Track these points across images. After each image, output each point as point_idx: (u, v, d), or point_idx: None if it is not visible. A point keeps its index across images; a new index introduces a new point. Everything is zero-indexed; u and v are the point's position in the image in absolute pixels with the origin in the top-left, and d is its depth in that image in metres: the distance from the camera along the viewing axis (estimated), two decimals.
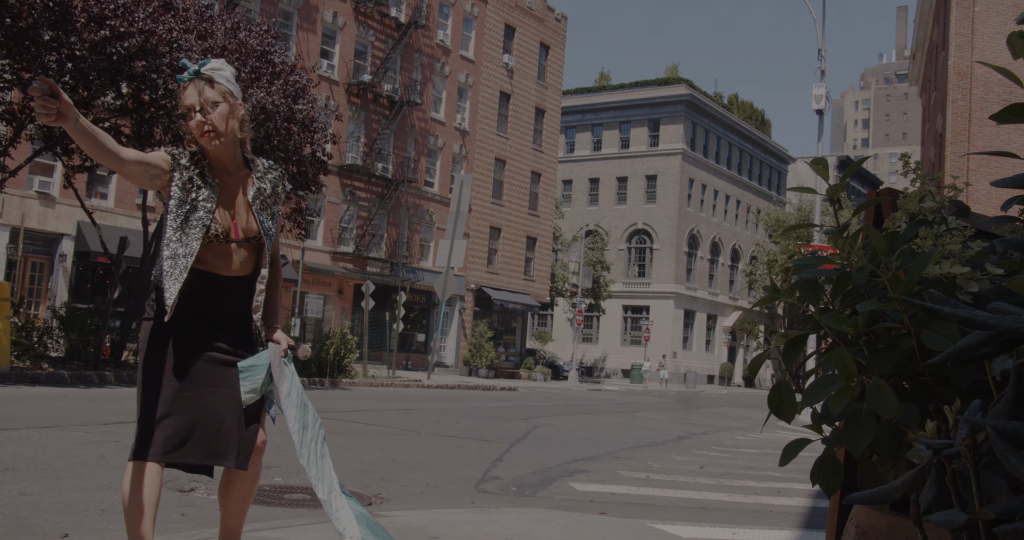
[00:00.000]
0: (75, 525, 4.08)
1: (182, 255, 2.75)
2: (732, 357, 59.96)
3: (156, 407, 2.73)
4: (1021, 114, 1.56)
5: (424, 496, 5.69)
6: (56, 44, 13.25)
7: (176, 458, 2.74)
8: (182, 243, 2.76)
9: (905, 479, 1.30)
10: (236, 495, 2.95)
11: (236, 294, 2.89)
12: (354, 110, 33.81)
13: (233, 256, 2.87)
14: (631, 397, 27.76)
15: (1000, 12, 20.70)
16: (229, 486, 2.94)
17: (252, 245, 2.92)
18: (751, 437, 13.60)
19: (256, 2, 30.02)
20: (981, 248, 1.66)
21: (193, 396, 2.77)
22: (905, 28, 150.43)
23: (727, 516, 5.82)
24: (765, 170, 65.20)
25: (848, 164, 52.69)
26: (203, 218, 2.78)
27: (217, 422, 2.80)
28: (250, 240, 2.90)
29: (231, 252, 2.87)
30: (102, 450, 6.39)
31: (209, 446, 2.78)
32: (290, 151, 16.83)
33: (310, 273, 30.66)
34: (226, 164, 2.89)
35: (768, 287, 1.89)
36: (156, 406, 2.73)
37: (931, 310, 1.42)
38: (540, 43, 44.26)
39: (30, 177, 23.70)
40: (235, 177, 2.92)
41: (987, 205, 18.22)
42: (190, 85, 2.82)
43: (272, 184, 2.99)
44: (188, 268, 2.74)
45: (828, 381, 1.62)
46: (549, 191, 45.13)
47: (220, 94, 2.82)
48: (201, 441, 2.77)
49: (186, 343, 2.79)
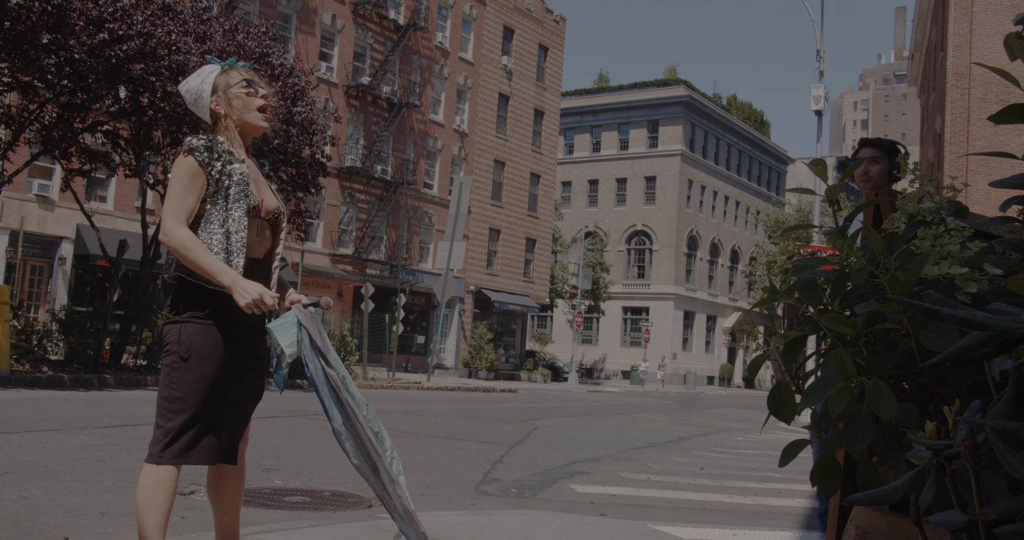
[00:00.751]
0: (75, 528, 4.08)
1: (234, 231, 2.80)
2: (732, 358, 59.97)
3: (197, 411, 2.75)
4: (1019, 115, 1.56)
5: (424, 498, 5.69)
6: (55, 47, 13.26)
7: (199, 461, 2.77)
8: (233, 219, 2.81)
9: (905, 480, 1.30)
10: (228, 486, 2.97)
11: (258, 274, 2.93)
12: (353, 112, 33.82)
13: (263, 233, 2.96)
14: (631, 398, 27.76)
15: (998, 13, 20.73)
16: (219, 478, 2.96)
17: (269, 223, 2.99)
18: (751, 438, 13.60)
19: (255, 4, 30.04)
20: (980, 249, 1.66)
21: (229, 399, 2.84)
22: (903, 29, 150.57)
23: (727, 517, 5.82)
24: (764, 171, 65.23)
25: (847, 165, 52.71)
26: (244, 191, 2.84)
27: (240, 424, 2.91)
28: (269, 218, 2.98)
29: (260, 229, 2.95)
30: (102, 453, 6.39)
31: (230, 446, 2.86)
32: (289, 153, 16.84)
33: (309, 275, 30.66)
34: (246, 146, 3.02)
35: (767, 288, 1.89)
36: (197, 409, 2.75)
37: (930, 311, 1.42)
38: (539, 45, 44.29)
39: (29, 180, 23.70)
40: (249, 160, 3.02)
41: (986, 205, 18.23)
42: (245, 71, 3.01)
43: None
44: (245, 243, 2.82)
45: (827, 382, 1.63)
46: (548, 193, 45.14)
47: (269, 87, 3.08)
48: (224, 442, 2.84)
49: (224, 342, 2.81)
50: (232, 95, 2.93)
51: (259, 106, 2.96)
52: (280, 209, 3.02)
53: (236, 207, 2.81)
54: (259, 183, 2.99)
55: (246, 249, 2.86)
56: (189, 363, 2.76)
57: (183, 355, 2.76)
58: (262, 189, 2.99)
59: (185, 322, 2.80)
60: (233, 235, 2.79)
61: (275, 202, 3.01)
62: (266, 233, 2.98)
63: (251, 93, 2.95)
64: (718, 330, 58.74)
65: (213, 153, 2.82)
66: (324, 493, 5.55)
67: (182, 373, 2.76)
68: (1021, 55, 1.58)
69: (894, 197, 2.45)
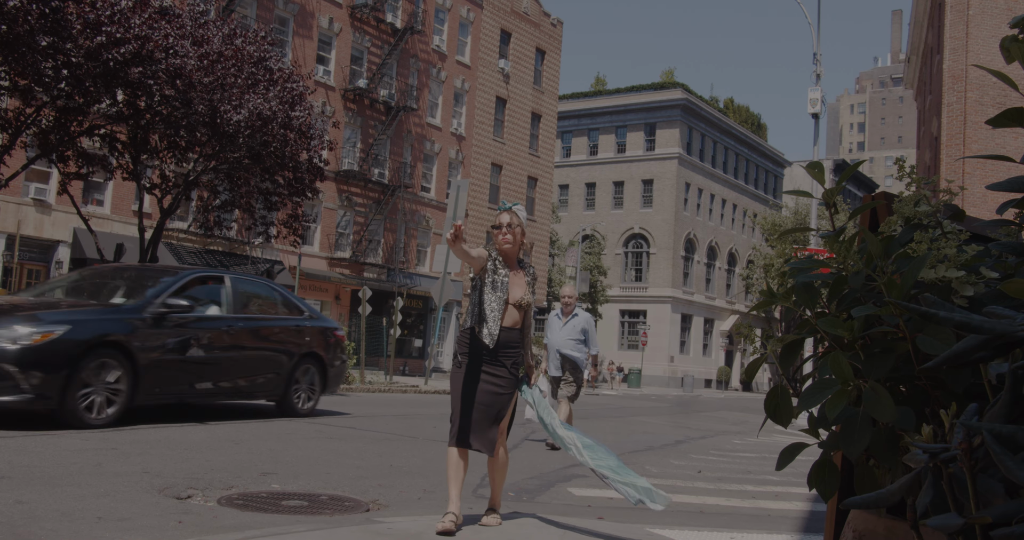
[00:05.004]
0: (72, 533, 4.07)
1: (496, 308, 4.69)
2: (729, 361, 59.99)
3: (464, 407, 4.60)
4: (1016, 118, 1.56)
5: (422, 502, 5.68)
6: (52, 50, 13.25)
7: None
8: (495, 299, 4.70)
9: (902, 483, 1.30)
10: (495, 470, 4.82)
11: (508, 337, 4.75)
12: (350, 116, 33.83)
13: (510, 312, 4.77)
14: (628, 401, 27.75)
15: (994, 15, 20.78)
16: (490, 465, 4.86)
17: (519, 309, 4.80)
18: (748, 441, 13.60)
19: (252, 8, 30.05)
20: (976, 252, 1.67)
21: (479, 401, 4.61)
22: (900, 32, 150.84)
23: (725, 520, 5.82)
24: (761, 174, 65.30)
25: (844, 168, 52.88)
26: (503, 286, 4.75)
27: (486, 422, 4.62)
28: (520, 306, 4.78)
29: (510, 309, 4.78)
30: (99, 458, 6.37)
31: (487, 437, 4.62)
32: (287, 157, 16.83)
33: (307, 279, 30.63)
34: (510, 261, 4.87)
35: (764, 291, 1.89)
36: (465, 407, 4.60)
37: (927, 314, 1.43)
38: (536, 48, 44.34)
39: (26, 184, 23.66)
40: (514, 269, 4.88)
41: (983, 209, 18.26)
42: (504, 213, 4.89)
43: (531, 277, 4.96)
44: (501, 313, 4.71)
45: (824, 385, 1.63)
46: (546, 196, 45.16)
47: (516, 221, 4.89)
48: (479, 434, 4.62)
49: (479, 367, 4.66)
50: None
51: (500, 239, 4.87)
52: (526, 302, 4.84)
53: (498, 295, 4.77)
54: (515, 284, 4.85)
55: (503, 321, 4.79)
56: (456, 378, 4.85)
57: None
58: (517, 287, 4.85)
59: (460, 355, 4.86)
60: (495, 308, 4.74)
61: (526, 298, 4.84)
62: (515, 313, 4.83)
63: (498, 232, 4.88)
64: (715, 333, 58.76)
65: (492, 257, 4.84)
66: (321, 497, 5.54)
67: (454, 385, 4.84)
68: (1018, 58, 1.58)
69: (891, 200, 2.45)
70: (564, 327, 9.98)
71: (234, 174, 17.39)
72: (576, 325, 9.95)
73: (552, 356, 10.03)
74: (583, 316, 10.01)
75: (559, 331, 9.98)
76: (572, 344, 9.89)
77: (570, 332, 9.92)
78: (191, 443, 7.60)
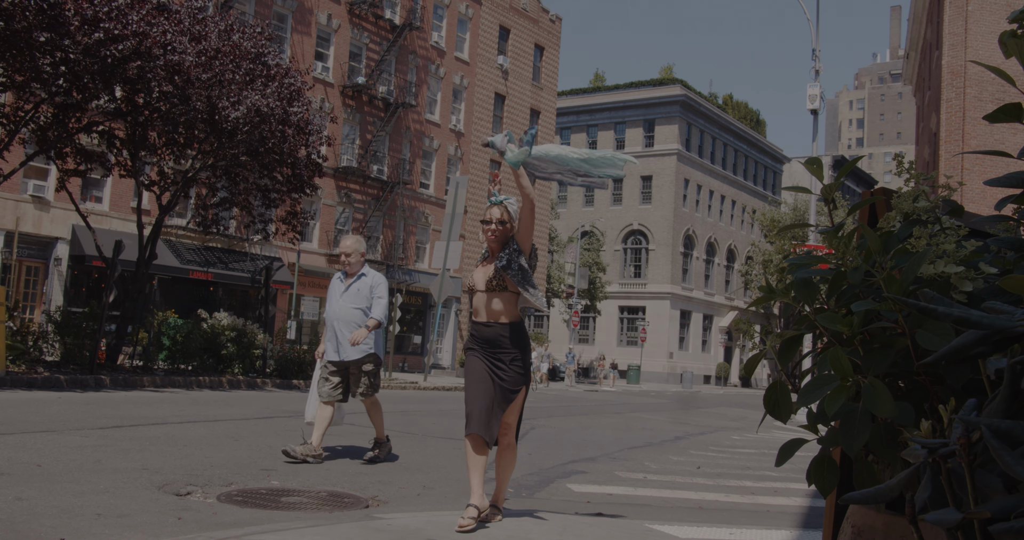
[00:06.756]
0: (71, 530, 4.07)
1: (480, 303, 4.72)
2: (728, 357, 60.02)
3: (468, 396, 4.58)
4: (1015, 114, 1.56)
5: (421, 498, 5.69)
6: (50, 47, 13.21)
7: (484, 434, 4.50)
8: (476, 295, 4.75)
9: (901, 478, 1.30)
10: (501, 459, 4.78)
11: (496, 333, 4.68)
12: (349, 112, 33.79)
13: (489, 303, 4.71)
14: (627, 398, 27.78)
15: (993, 11, 20.76)
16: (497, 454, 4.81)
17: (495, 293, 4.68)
18: (747, 437, 13.61)
19: (250, 4, 29.99)
20: (975, 247, 1.67)
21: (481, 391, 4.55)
22: (899, 27, 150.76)
23: (724, 516, 5.82)
24: (760, 170, 65.29)
25: (843, 164, 52.79)
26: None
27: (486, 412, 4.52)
28: (492, 288, 4.68)
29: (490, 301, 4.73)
30: (98, 454, 6.37)
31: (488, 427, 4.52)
32: (285, 154, 16.80)
33: (306, 275, 30.62)
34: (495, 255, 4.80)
35: (764, 287, 1.89)
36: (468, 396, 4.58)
37: (925, 309, 1.43)
38: (535, 44, 44.28)
39: (24, 181, 23.64)
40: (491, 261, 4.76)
41: (981, 204, 18.26)
42: (495, 207, 4.73)
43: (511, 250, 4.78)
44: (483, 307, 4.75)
45: (824, 381, 1.63)
46: (544, 192, 45.14)
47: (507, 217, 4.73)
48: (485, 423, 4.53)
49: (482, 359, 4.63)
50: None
51: (486, 234, 4.77)
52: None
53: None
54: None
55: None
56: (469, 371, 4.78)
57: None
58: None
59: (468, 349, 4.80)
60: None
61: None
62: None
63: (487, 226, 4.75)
64: (715, 329, 58.79)
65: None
66: (321, 493, 5.55)
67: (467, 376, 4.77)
68: (1016, 53, 1.58)
69: (890, 196, 2.45)
70: (346, 293, 7.38)
71: (232, 171, 17.37)
72: (361, 289, 7.37)
73: (330, 333, 7.38)
74: (372, 276, 7.47)
75: (339, 298, 7.36)
76: (358, 315, 7.33)
77: (353, 298, 7.34)
78: (190, 440, 7.60)
